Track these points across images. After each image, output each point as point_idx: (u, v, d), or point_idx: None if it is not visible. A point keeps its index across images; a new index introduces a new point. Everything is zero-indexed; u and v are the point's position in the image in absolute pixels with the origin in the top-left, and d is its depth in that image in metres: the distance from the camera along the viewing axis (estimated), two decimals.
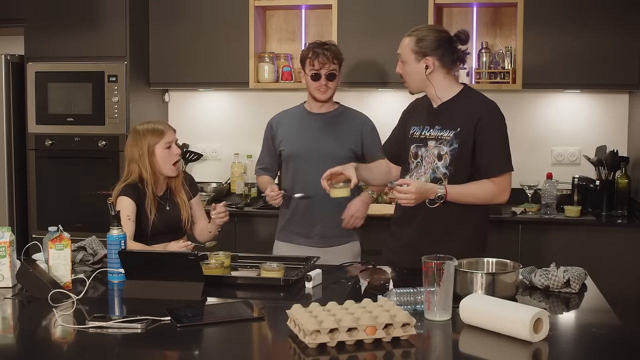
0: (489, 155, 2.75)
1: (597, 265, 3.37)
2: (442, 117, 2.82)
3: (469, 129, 2.75)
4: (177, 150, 3.12)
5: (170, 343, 1.97)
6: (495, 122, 2.79)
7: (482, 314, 2.01)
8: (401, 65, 2.85)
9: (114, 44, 4.32)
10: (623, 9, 4.05)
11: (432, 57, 2.78)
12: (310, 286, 2.50)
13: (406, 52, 2.81)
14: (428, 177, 2.81)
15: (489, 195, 2.77)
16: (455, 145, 2.76)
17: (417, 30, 2.83)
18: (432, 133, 2.82)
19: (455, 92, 2.84)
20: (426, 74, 2.80)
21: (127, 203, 2.99)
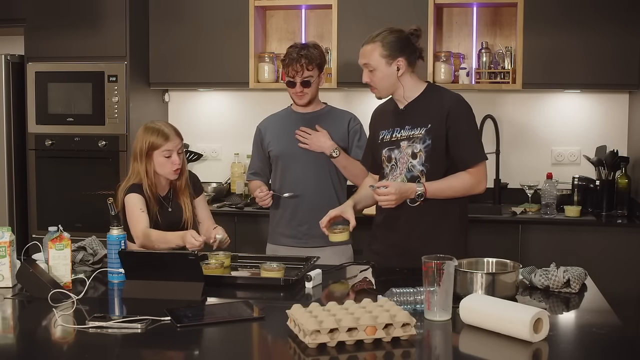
0: (463, 147, 2.80)
1: (597, 265, 3.37)
2: (410, 116, 2.85)
3: (439, 124, 2.79)
4: (177, 160, 3.05)
5: (170, 343, 1.97)
6: (464, 114, 2.85)
7: (482, 314, 2.01)
8: (369, 74, 2.84)
9: (114, 44, 4.32)
10: (623, 9, 4.05)
11: (402, 58, 2.81)
12: (310, 286, 2.50)
13: (375, 59, 2.81)
14: (404, 177, 2.83)
15: (467, 187, 2.83)
16: (429, 141, 2.79)
17: (378, 35, 2.83)
18: (403, 133, 2.85)
19: (420, 89, 2.88)
20: (398, 76, 2.82)
21: (137, 198, 2.98)
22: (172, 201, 3.12)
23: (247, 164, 4.58)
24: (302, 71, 3.30)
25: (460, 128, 2.81)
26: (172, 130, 3.11)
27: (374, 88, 2.87)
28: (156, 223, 3.03)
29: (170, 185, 3.13)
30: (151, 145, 3.04)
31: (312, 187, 3.36)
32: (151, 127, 3.09)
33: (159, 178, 3.10)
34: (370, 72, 2.83)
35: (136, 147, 3.07)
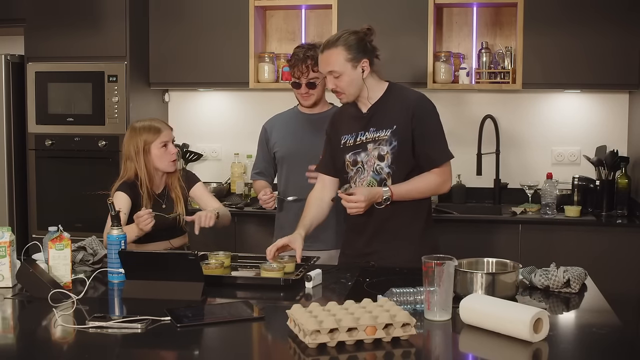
0: (430, 147, 2.79)
1: (597, 265, 3.38)
2: (375, 119, 2.82)
3: (405, 125, 2.77)
4: (173, 150, 3.13)
5: (170, 343, 1.97)
6: (429, 113, 2.82)
7: (482, 314, 2.01)
8: (335, 80, 2.77)
9: (114, 44, 4.32)
10: (623, 9, 4.05)
11: (365, 59, 2.78)
12: (310, 286, 2.50)
13: (340, 64, 2.74)
14: (370, 179, 2.81)
15: (433, 187, 2.82)
16: (395, 143, 2.77)
17: (338, 39, 2.77)
18: (368, 136, 2.82)
19: (382, 89, 2.86)
20: (363, 78, 2.79)
21: (123, 198, 3.02)
22: (166, 198, 3.14)
23: (247, 164, 4.59)
24: (307, 72, 3.27)
25: (426, 127, 2.78)
26: (162, 122, 3.20)
27: (341, 94, 2.80)
28: None
29: (165, 182, 3.15)
30: (146, 141, 3.09)
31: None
32: (141, 126, 3.13)
33: (157, 174, 3.11)
34: (336, 78, 2.76)
35: (129, 148, 3.10)
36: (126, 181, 3.09)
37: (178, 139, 4.80)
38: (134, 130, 3.13)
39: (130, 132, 3.14)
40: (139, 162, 3.08)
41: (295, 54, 3.32)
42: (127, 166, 3.11)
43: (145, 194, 3.07)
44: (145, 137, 3.09)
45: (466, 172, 4.47)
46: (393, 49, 4.26)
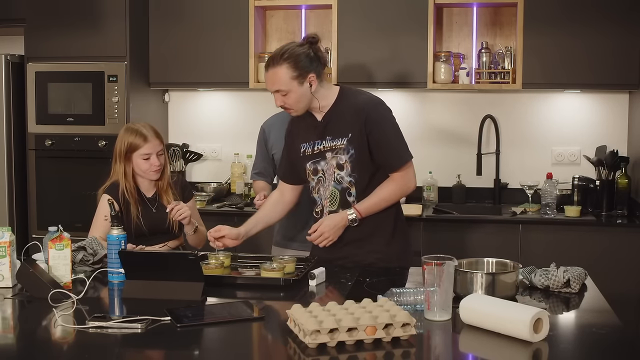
0: (387, 152, 2.75)
1: (597, 265, 3.38)
2: (329, 127, 2.77)
3: (359, 131, 2.71)
4: (156, 162, 3.05)
5: (170, 343, 1.97)
6: (382, 116, 2.76)
7: (482, 314, 2.01)
8: (282, 98, 2.71)
9: (114, 44, 4.32)
10: (623, 8, 4.05)
11: (312, 74, 2.70)
12: (314, 284, 2.50)
13: (286, 82, 2.68)
14: (332, 189, 2.80)
15: (399, 192, 2.79)
16: (352, 151, 2.73)
17: (282, 56, 2.68)
18: (326, 145, 2.78)
19: (334, 95, 2.79)
20: (312, 92, 2.72)
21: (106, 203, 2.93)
22: (157, 202, 3.12)
23: (247, 164, 4.60)
24: None
25: (380, 132, 2.73)
26: (152, 131, 3.10)
27: (290, 109, 2.76)
28: (137, 225, 3.03)
29: (156, 186, 3.13)
30: (130, 147, 3.05)
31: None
32: (131, 128, 3.10)
33: (142, 180, 3.10)
34: (284, 96, 2.71)
35: (116, 148, 3.08)
36: (114, 183, 3.07)
37: (178, 139, 4.82)
38: (125, 130, 3.10)
39: (122, 132, 3.11)
40: (120, 166, 3.06)
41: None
42: (115, 169, 3.10)
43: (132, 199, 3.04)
44: (131, 140, 3.05)
45: (466, 172, 4.48)
46: (393, 49, 4.27)
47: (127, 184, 3.06)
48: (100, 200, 3.05)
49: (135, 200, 3.05)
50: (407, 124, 4.59)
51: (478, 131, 4.38)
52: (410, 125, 4.59)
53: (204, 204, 4.31)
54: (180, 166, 4.67)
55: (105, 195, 3.03)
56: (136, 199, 3.06)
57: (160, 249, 3.04)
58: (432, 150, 4.56)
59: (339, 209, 2.81)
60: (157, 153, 3.07)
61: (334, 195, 2.80)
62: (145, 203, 3.09)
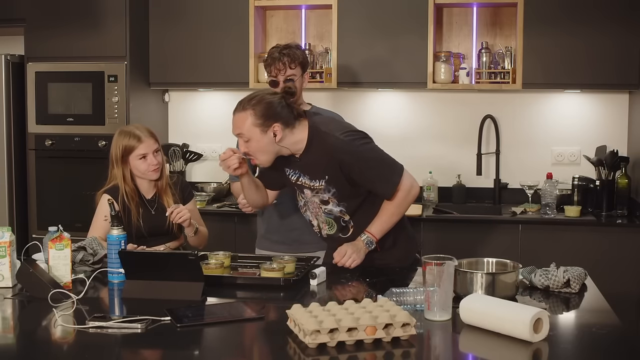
0: (375, 185, 2.68)
1: (597, 265, 3.37)
2: (306, 168, 2.71)
3: (336, 174, 2.65)
4: (153, 161, 3.05)
5: (170, 343, 1.97)
6: (356, 156, 2.64)
7: (482, 314, 2.01)
8: (245, 144, 2.64)
9: (114, 44, 4.32)
10: (623, 8, 4.05)
11: (277, 124, 2.60)
12: (315, 283, 2.50)
13: (248, 129, 2.60)
14: (325, 218, 2.78)
15: (404, 202, 2.71)
16: (334, 190, 2.69)
17: (249, 102, 2.61)
18: (305, 182, 2.74)
19: (304, 139, 2.67)
20: (276, 142, 2.62)
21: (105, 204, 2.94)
22: (157, 204, 3.11)
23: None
24: (285, 69, 3.21)
25: (360, 171, 2.64)
26: (146, 131, 3.10)
27: (253, 159, 2.68)
28: (138, 227, 3.03)
29: (155, 187, 3.13)
30: (125, 149, 3.04)
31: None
32: (124, 131, 3.10)
33: (141, 181, 3.10)
34: (246, 142, 2.63)
35: (112, 153, 3.08)
36: (114, 185, 3.07)
37: (178, 139, 4.82)
38: (118, 134, 3.10)
39: (115, 136, 3.11)
40: (118, 170, 3.06)
41: (271, 54, 3.28)
42: (113, 173, 3.09)
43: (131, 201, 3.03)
44: (125, 143, 3.04)
45: (466, 172, 4.48)
46: (393, 49, 4.27)
47: (127, 188, 3.05)
48: (100, 201, 3.05)
49: (135, 204, 3.05)
50: (407, 124, 4.60)
51: (478, 131, 4.38)
52: (410, 125, 4.60)
53: (204, 204, 4.31)
54: (180, 166, 4.67)
55: (105, 195, 3.03)
56: (137, 202, 3.06)
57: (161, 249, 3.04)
58: (432, 150, 4.56)
59: (337, 234, 2.79)
60: (153, 152, 3.07)
61: (329, 222, 2.79)
62: (145, 205, 3.09)
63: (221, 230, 4.01)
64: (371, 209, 2.74)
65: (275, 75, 3.24)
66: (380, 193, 2.70)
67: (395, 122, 4.59)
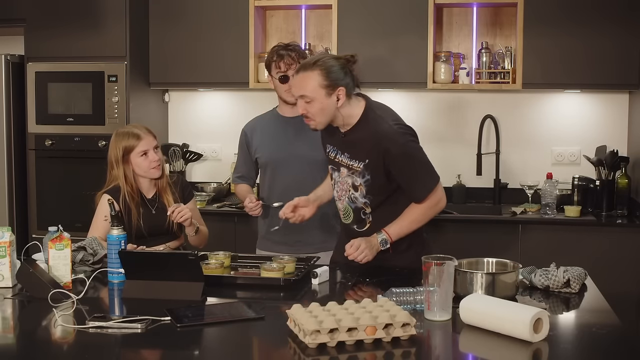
0: (412, 186, 2.68)
1: (597, 265, 3.37)
2: (350, 145, 2.72)
3: (377, 161, 2.64)
4: (154, 157, 3.06)
5: (170, 343, 1.97)
6: (403, 151, 2.64)
7: (482, 314, 2.01)
8: (305, 105, 2.62)
9: (114, 44, 4.32)
10: (623, 8, 4.05)
11: (342, 88, 2.61)
12: (317, 282, 2.50)
13: (313, 89, 2.59)
14: (346, 205, 2.78)
15: (429, 213, 2.72)
16: (368, 177, 2.68)
17: (316, 62, 2.60)
18: (344, 160, 2.74)
19: (358, 114, 2.69)
20: (338, 107, 2.63)
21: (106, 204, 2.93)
22: (157, 203, 3.11)
23: None
24: (294, 64, 3.21)
25: (402, 167, 2.65)
26: (144, 129, 3.13)
27: (310, 119, 2.67)
28: (138, 227, 3.03)
29: (156, 186, 3.13)
30: (125, 149, 3.05)
31: (303, 193, 3.23)
32: (122, 132, 3.11)
33: (142, 180, 3.10)
34: (307, 103, 2.62)
35: (111, 155, 3.08)
36: (114, 186, 3.07)
37: (178, 139, 4.82)
38: (116, 136, 3.10)
39: (113, 138, 3.11)
40: (118, 171, 3.06)
41: (276, 50, 3.29)
42: (112, 175, 3.09)
43: (132, 201, 3.03)
44: (124, 144, 3.05)
45: (466, 172, 4.48)
46: (393, 49, 4.27)
47: (129, 188, 3.06)
48: (100, 201, 3.05)
49: (136, 203, 3.05)
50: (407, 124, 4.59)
51: (478, 131, 4.38)
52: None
53: (204, 204, 4.31)
54: (180, 166, 4.67)
55: (105, 195, 3.03)
56: (137, 202, 3.06)
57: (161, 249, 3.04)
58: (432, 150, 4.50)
59: (353, 225, 2.80)
60: (153, 148, 3.08)
61: (347, 211, 2.79)
62: (146, 205, 3.09)
63: (221, 230, 4.01)
64: (393, 207, 2.73)
65: (285, 70, 3.24)
66: (413, 194, 2.69)
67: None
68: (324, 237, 3.28)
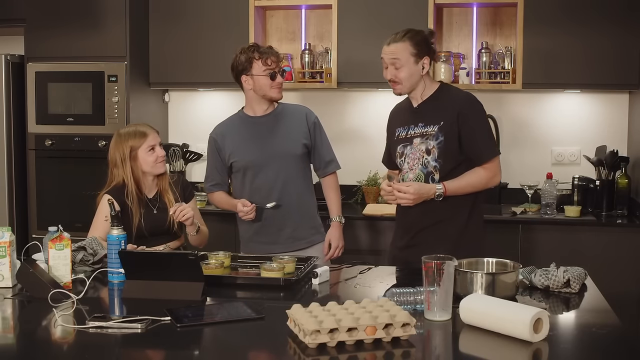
0: (477, 145, 2.90)
1: (597, 265, 3.37)
2: (423, 114, 2.95)
3: (451, 122, 2.88)
4: (161, 152, 3.11)
5: (170, 343, 1.97)
6: (475, 112, 2.93)
7: (482, 314, 2.01)
8: (395, 71, 2.93)
9: (114, 44, 4.32)
10: (623, 9, 4.05)
11: (427, 57, 2.94)
12: (317, 282, 2.50)
13: (404, 55, 2.91)
14: (419, 172, 2.92)
15: (484, 181, 2.93)
16: (441, 138, 2.88)
17: (405, 34, 2.94)
18: (417, 130, 2.95)
19: (434, 88, 2.99)
20: (422, 74, 2.94)
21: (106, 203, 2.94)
22: (158, 203, 3.12)
23: None
24: (280, 62, 3.31)
25: (472, 127, 2.89)
26: (147, 126, 3.18)
27: (397, 84, 2.95)
28: (138, 227, 3.03)
29: (157, 186, 3.13)
30: (133, 146, 3.07)
31: (288, 190, 3.29)
32: (126, 132, 3.13)
33: (145, 180, 3.10)
34: (397, 69, 2.92)
35: (115, 155, 3.09)
36: (115, 186, 3.07)
37: (178, 139, 4.82)
38: (119, 136, 3.12)
39: (116, 138, 3.13)
40: (125, 169, 3.06)
41: (259, 49, 3.31)
42: (114, 173, 3.10)
43: (135, 201, 3.05)
44: (131, 142, 3.08)
45: None
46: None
47: (136, 186, 3.06)
48: (101, 201, 3.05)
49: (138, 202, 3.05)
50: None
51: None
52: None
53: (204, 204, 4.31)
54: (180, 166, 4.67)
55: (106, 195, 3.03)
56: (139, 201, 3.06)
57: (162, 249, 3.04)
58: None
59: None
60: (159, 144, 3.13)
61: (419, 178, 2.92)
62: (147, 204, 3.10)
63: (221, 230, 4.01)
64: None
65: (274, 67, 3.27)
66: (479, 154, 2.90)
67: None
68: (309, 232, 3.34)
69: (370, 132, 4.50)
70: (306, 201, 3.35)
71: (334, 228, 3.40)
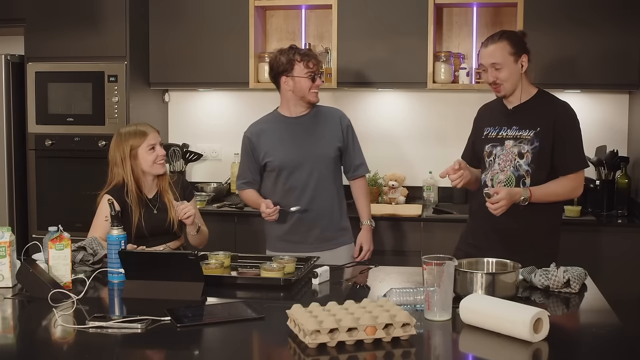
0: (568, 154, 2.92)
1: (597, 265, 3.38)
2: (519, 118, 2.97)
3: (547, 129, 2.90)
4: (161, 152, 3.11)
5: (170, 343, 1.97)
6: (571, 123, 2.96)
7: (482, 314, 2.01)
8: (495, 72, 2.94)
9: (114, 44, 4.32)
10: (623, 9, 4.05)
11: (525, 55, 2.98)
12: (317, 282, 2.50)
13: (504, 56, 2.93)
14: (510, 175, 2.94)
15: (569, 191, 2.97)
16: (537, 144, 2.90)
17: (502, 35, 2.96)
18: (510, 133, 2.97)
19: (531, 93, 3.01)
20: (522, 72, 2.97)
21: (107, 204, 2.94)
22: (158, 202, 3.12)
23: None
24: (319, 64, 3.33)
25: (566, 136, 2.92)
26: (148, 125, 3.18)
27: (499, 86, 2.96)
28: (139, 227, 3.03)
29: (157, 186, 3.13)
30: (133, 145, 3.08)
31: (320, 192, 3.30)
32: (126, 131, 3.13)
33: (145, 180, 3.10)
34: (497, 70, 2.93)
35: (115, 154, 3.09)
36: (115, 186, 3.07)
37: (178, 139, 4.82)
38: (119, 136, 3.12)
39: (116, 138, 3.13)
40: (125, 169, 3.06)
41: (300, 51, 3.29)
42: (114, 172, 3.10)
43: (135, 200, 3.05)
44: (131, 142, 3.08)
45: None
46: (393, 49, 4.27)
47: (136, 185, 3.06)
48: (101, 201, 3.05)
49: (138, 202, 3.05)
50: (407, 124, 4.60)
51: None
52: (410, 125, 4.60)
53: (204, 204, 4.31)
54: (180, 166, 4.67)
55: (106, 195, 3.03)
56: (140, 201, 3.06)
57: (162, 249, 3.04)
58: (432, 150, 4.56)
59: None
60: (159, 143, 3.13)
61: (510, 180, 2.93)
62: (147, 205, 3.10)
63: (221, 230, 4.01)
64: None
65: (315, 70, 3.29)
66: (568, 163, 2.92)
67: (395, 122, 4.59)
68: (337, 233, 3.35)
69: (370, 132, 4.49)
70: (337, 203, 3.36)
71: (364, 231, 3.43)
